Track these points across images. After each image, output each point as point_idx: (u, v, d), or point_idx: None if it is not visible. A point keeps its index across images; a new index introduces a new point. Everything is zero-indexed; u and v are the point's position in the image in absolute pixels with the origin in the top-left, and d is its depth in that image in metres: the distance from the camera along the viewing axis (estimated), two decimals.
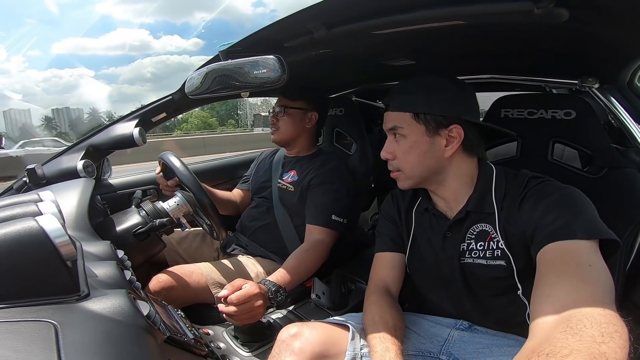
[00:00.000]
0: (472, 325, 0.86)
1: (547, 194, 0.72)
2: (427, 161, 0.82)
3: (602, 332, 0.47)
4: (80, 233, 0.83)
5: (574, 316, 0.51)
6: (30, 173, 1.14)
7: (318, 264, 1.20)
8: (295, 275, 1.12)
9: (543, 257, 0.65)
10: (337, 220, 1.27)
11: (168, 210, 1.10)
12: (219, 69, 0.78)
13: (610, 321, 0.49)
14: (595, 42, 0.82)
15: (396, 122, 0.83)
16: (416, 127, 0.81)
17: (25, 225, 0.51)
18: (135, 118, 1.25)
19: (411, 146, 0.82)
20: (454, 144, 0.80)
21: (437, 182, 0.85)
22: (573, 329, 0.48)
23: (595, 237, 0.63)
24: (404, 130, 0.82)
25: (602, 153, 0.96)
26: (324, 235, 1.25)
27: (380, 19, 0.68)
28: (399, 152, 0.84)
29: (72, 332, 0.44)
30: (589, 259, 0.60)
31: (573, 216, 0.66)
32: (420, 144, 0.81)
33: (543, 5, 0.54)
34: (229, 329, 1.07)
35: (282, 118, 1.38)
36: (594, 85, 1.01)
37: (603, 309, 0.51)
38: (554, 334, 0.50)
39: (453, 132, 0.80)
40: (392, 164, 0.86)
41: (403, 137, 0.83)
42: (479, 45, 0.99)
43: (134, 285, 0.71)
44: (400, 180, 0.87)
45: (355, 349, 0.78)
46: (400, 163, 0.85)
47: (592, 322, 0.48)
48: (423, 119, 0.80)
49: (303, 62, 1.05)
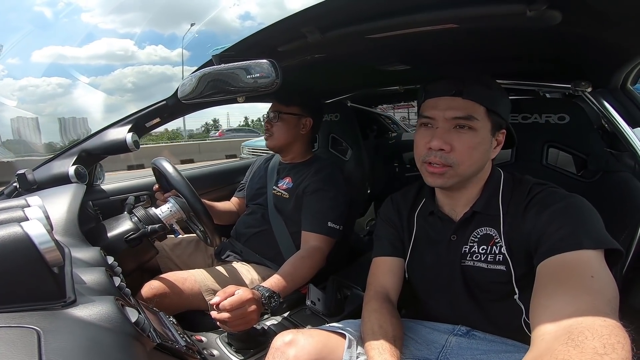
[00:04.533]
0: (470, 331, 0.85)
1: (552, 202, 0.71)
2: (483, 160, 0.79)
3: (604, 343, 0.46)
4: (69, 239, 0.82)
5: (575, 327, 0.50)
6: (20, 178, 1.13)
7: (314, 271, 1.19)
8: (291, 282, 1.10)
9: (546, 269, 0.64)
10: (333, 227, 1.26)
11: (161, 217, 1.09)
12: (212, 73, 0.78)
13: (612, 332, 0.48)
14: (588, 46, 0.82)
15: (472, 111, 0.75)
16: (487, 123, 0.77)
17: (9, 231, 0.50)
18: (129, 123, 1.24)
19: (479, 142, 0.76)
20: (498, 147, 0.81)
21: (467, 183, 0.82)
22: (574, 340, 0.48)
23: (601, 247, 0.62)
24: (478, 123, 0.75)
25: (596, 157, 0.97)
26: (320, 242, 1.24)
27: (373, 22, 0.68)
28: (462, 145, 0.76)
29: (56, 339, 0.43)
30: (593, 269, 0.59)
31: (579, 226, 0.65)
32: (485, 141, 0.78)
33: (536, 7, 0.54)
34: (223, 336, 1.05)
35: (276, 124, 1.37)
36: (587, 89, 1.02)
37: (605, 319, 0.50)
38: (555, 346, 0.49)
39: (499, 137, 0.80)
40: (446, 158, 0.76)
41: (473, 130, 0.76)
42: (472, 50, 1.00)
43: (123, 291, 0.69)
44: (444, 176, 0.78)
45: (351, 357, 0.77)
46: (460, 158, 0.76)
47: (593, 334, 0.47)
48: (494, 117, 0.77)
49: (297, 67, 1.05)
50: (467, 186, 0.83)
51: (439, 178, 0.79)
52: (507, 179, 0.82)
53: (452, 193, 0.85)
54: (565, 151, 1.01)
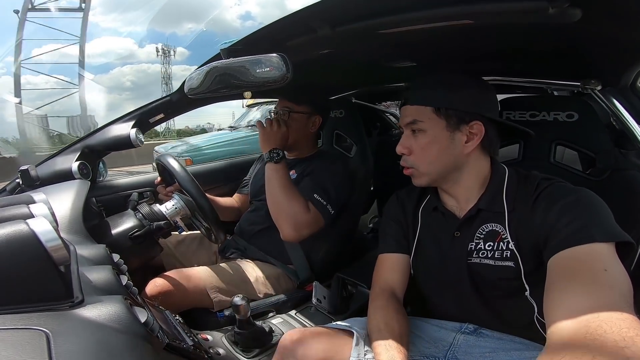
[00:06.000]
0: (478, 329, 0.84)
1: (561, 196, 0.70)
2: (445, 157, 0.81)
3: (624, 336, 0.45)
4: (74, 236, 0.81)
5: (592, 322, 0.49)
6: (23, 174, 1.12)
7: (294, 216, 1.16)
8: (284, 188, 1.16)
9: (557, 263, 0.64)
10: (319, 200, 1.21)
11: (165, 213, 1.08)
12: (220, 67, 0.76)
13: (631, 325, 0.47)
14: (600, 44, 0.81)
15: (416, 116, 0.81)
16: (437, 122, 0.79)
17: (15, 229, 0.48)
18: (132, 119, 1.23)
19: (430, 141, 0.80)
20: (474, 140, 0.79)
21: (452, 179, 0.84)
22: (593, 334, 0.47)
23: (612, 240, 0.62)
24: (424, 125, 0.80)
25: (604, 155, 0.96)
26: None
27: (387, 17, 0.66)
28: (417, 147, 0.82)
29: (65, 341, 0.42)
30: (605, 263, 0.58)
31: (589, 219, 0.64)
32: (440, 138, 0.80)
33: (558, 4, 0.53)
34: (229, 335, 1.04)
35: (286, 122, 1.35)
36: (597, 87, 1.01)
37: (621, 313, 0.49)
38: (574, 341, 0.48)
39: (474, 129, 0.79)
40: (408, 160, 0.84)
41: (422, 131, 0.81)
42: (481, 48, 0.98)
43: (131, 290, 0.68)
44: (415, 177, 0.85)
45: (359, 354, 0.76)
46: (417, 159, 0.83)
47: (612, 327, 0.47)
48: (444, 113, 0.78)
49: (305, 62, 1.03)
50: (459, 181, 0.83)
51: (413, 179, 0.86)
52: (512, 174, 0.81)
53: (446, 189, 0.86)
54: (574, 149, 1.00)
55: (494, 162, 0.84)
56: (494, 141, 0.83)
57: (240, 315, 0.96)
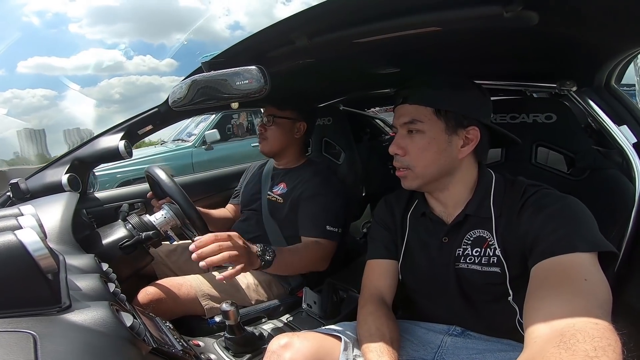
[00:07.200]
0: (465, 331, 0.85)
1: (547, 203, 0.71)
2: (441, 160, 0.79)
3: (595, 346, 0.46)
4: (63, 246, 0.82)
5: (567, 330, 0.50)
6: (13, 187, 1.13)
7: (313, 263, 1.20)
8: (288, 253, 1.11)
9: (540, 271, 0.65)
10: (331, 230, 1.26)
11: (155, 224, 1.10)
12: (202, 80, 0.79)
13: (604, 335, 0.48)
14: (569, 45, 0.83)
15: (415, 115, 0.79)
16: (436, 123, 0.78)
17: (4, 239, 0.51)
18: (121, 131, 1.25)
19: (429, 142, 0.78)
20: (469, 145, 0.79)
21: (442, 184, 0.83)
22: (566, 343, 0.48)
23: (594, 250, 0.63)
24: (424, 126, 0.78)
25: (583, 155, 0.98)
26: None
27: (358, 27, 0.68)
28: (414, 148, 0.80)
29: (51, 343, 0.44)
30: (586, 272, 0.59)
31: (573, 228, 0.65)
32: (438, 141, 0.78)
33: (512, 8, 0.54)
34: (220, 340, 1.05)
35: (270, 128, 1.38)
36: (572, 88, 1.02)
37: (597, 322, 0.50)
38: (547, 348, 0.49)
39: (470, 134, 0.79)
40: (402, 161, 0.82)
41: (420, 132, 0.79)
42: (458, 52, 1.01)
43: (118, 297, 0.70)
44: (407, 179, 0.83)
45: (347, 359, 0.77)
46: (413, 160, 0.81)
47: (585, 337, 0.48)
48: (444, 115, 0.77)
49: (289, 71, 1.06)
50: (448, 187, 0.83)
51: (405, 181, 0.84)
52: (499, 180, 0.82)
53: (435, 195, 0.86)
54: (554, 150, 1.02)
55: (481, 167, 0.84)
56: (486, 148, 0.84)
57: (230, 321, 0.97)
